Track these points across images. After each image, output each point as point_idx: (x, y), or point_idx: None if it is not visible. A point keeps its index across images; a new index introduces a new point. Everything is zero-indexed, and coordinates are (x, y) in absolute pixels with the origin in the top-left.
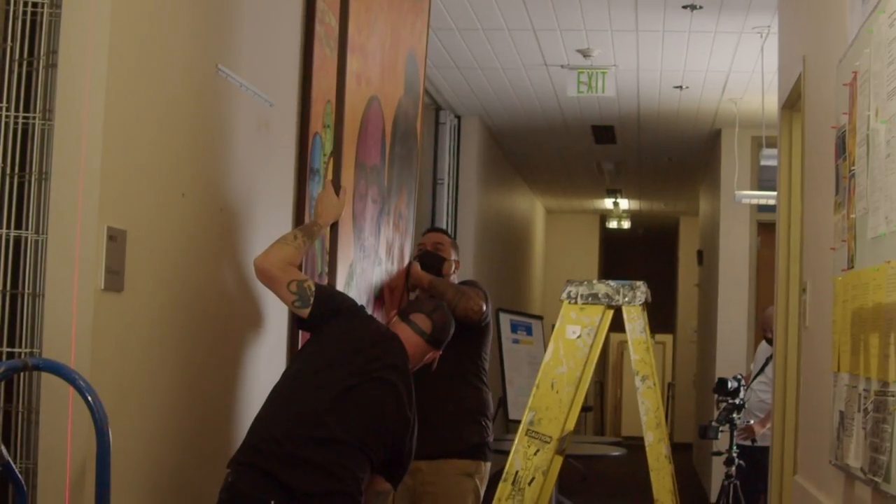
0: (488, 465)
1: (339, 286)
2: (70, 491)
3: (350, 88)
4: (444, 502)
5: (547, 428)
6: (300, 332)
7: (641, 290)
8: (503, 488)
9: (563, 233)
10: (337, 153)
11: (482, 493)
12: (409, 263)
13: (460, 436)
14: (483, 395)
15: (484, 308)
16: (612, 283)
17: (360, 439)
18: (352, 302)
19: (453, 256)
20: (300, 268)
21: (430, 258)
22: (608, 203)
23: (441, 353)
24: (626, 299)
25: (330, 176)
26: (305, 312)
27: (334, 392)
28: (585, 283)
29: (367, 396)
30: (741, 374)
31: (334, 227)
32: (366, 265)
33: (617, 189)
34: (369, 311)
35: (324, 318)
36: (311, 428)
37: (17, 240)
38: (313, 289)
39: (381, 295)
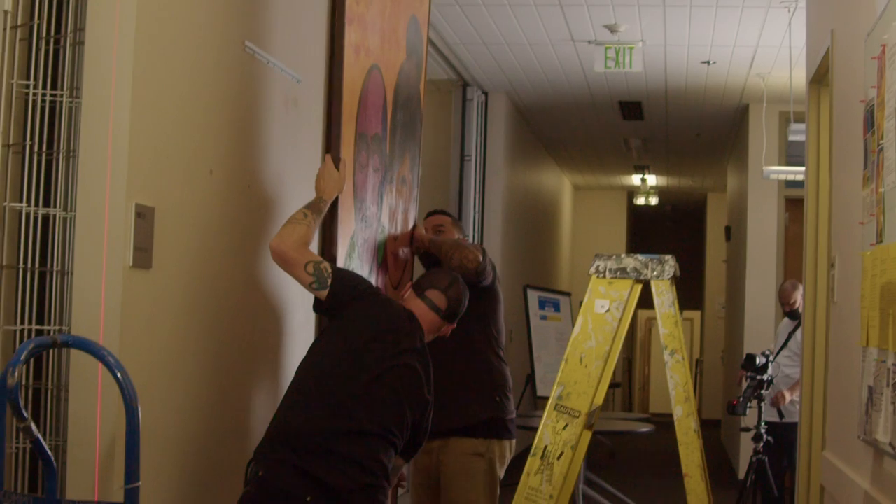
0: (506, 442)
1: (340, 259)
2: (100, 467)
3: (348, 61)
4: (454, 482)
5: (576, 402)
6: None
7: (670, 265)
8: (532, 463)
9: (590, 209)
10: (336, 126)
11: (501, 470)
12: (413, 227)
13: (470, 413)
14: (496, 369)
15: (481, 259)
16: (640, 257)
17: (387, 429)
18: (367, 283)
19: (456, 235)
20: None
21: (424, 257)
22: (636, 179)
23: (454, 325)
24: (655, 273)
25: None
26: (323, 294)
27: (361, 384)
28: (614, 257)
29: (392, 386)
30: (769, 350)
31: (335, 201)
32: (368, 234)
33: (644, 165)
34: (373, 279)
35: (342, 301)
36: (341, 421)
37: (46, 217)
38: (330, 270)
39: (384, 262)
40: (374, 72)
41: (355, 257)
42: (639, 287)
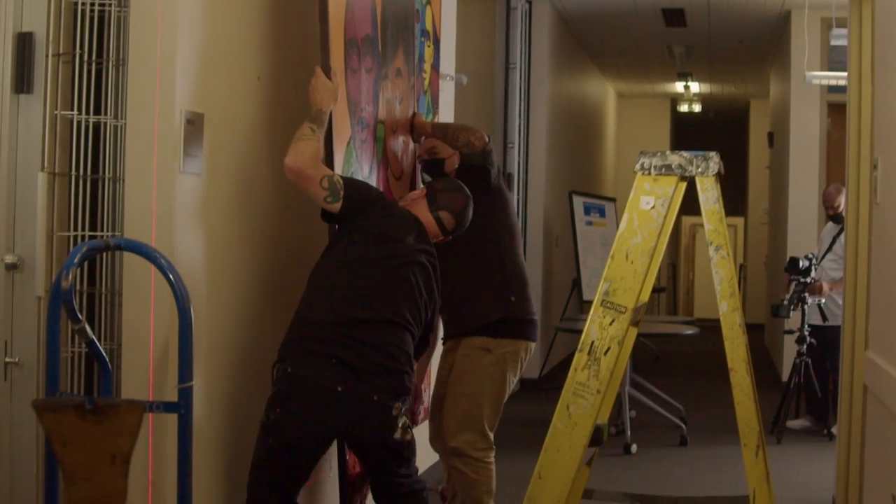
0: (521, 342)
1: (338, 166)
2: (154, 369)
3: None
4: (459, 376)
5: (622, 298)
6: None
7: (714, 161)
8: (579, 358)
9: (634, 117)
10: (324, 36)
11: (513, 370)
12: (413, 115)
13: (481, 314)
14: (507, 269)
15: (487, 140)
16: (685, 154)
17: (405, 319)
18: (376, 190)
19: (452, 150)
20: None
21: (429, 165)
22: (679, 87)
23: (449, 238)
24: (700, 170)
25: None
26: (337, 206)
27: (379, 278)
28: (659, 154)
29: (409, 280)
30: (812, 254)
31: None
32: (365, 136)
33: (687, 73)
34: (374, 177)
35: (353, 209)
36: (363, 311)
37: (97, 125)
38: (342, 182)
39: (384, 156)
40: None
41: (353, 161)
42: (683, 184)
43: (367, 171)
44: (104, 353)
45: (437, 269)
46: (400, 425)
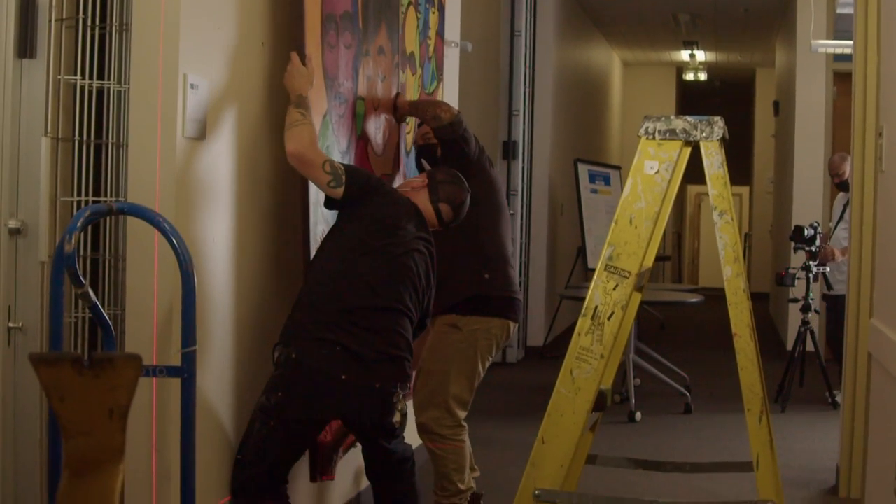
0: (495, 320)
1: None
2: (157, 333)
3: None
4: (430, 353)
5: (626, 263)
6: None
7: (719, 126)
8: (583, 323)
9: (640, 85)
10: (298, 12)
11: (488, 349)
12: (396, 95)
13: (455, 292)
14: (485, 248)
15: (456, 112)
16: (689, 118)
17: (405, 304)
18: (376, 178)
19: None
20: None
21: (424, 151)
22: (685, 55)
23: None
24: (704, 134)
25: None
26: (340, 192)
27: (381, 264)
28: (663, 118)
29: (409, 267)
30: (817, 223)
31: None
32: (343, 110)
33: (693, 41)
34: (352, 152)
35: (356, 196)
36: (366, 298)
37: (100, 90)
38: (342, 168)
39: (364, 132)
40: None
41: (329, 135)
42: (688, 149)
43: (344, 146)
44: (107, 318)
45: (434, 257)
46: (398, 410)
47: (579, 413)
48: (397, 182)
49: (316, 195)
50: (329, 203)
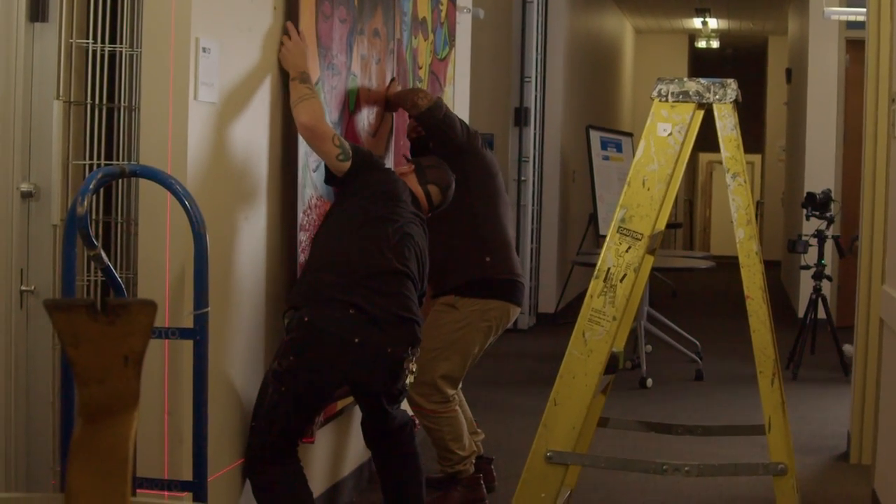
0: (493, 301)
1: None
2: (170, 296)
3: None
4: (425, 331)
5: (638, 225)
6: None
7: (732, 88)
8: (595, 285)
9: (652, 53)
10: None
11: (480, 332)
12: (391, 80)
13: (451, 274)
14: (483, 231)
15: (435, 99)
16: (702, 80)
17: (411, 269)
18: (376, 156)
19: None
20: None
21: (417, 144)
22: (697, 22)
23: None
24: (717, 97)
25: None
26: (347, 165)
27: (386, 230)
28: (676, 80)
29: (410, 234)
30: (829, 189)
31: None
32: (336, 82)
33: (706, 8)
34: (343, 125)
35: (359, 170)
36: (375, 259)
37: (112, 54)
38: (347, 143)
39: (356, 108)
40: None
41: (323, 103)
42: (700, 113)
43: (336, 117)
44: (120, 280)
45: (427, 235)
46: (407, 374)
47: (591, 375)
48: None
49: (305, 159)
50: (329, 178)
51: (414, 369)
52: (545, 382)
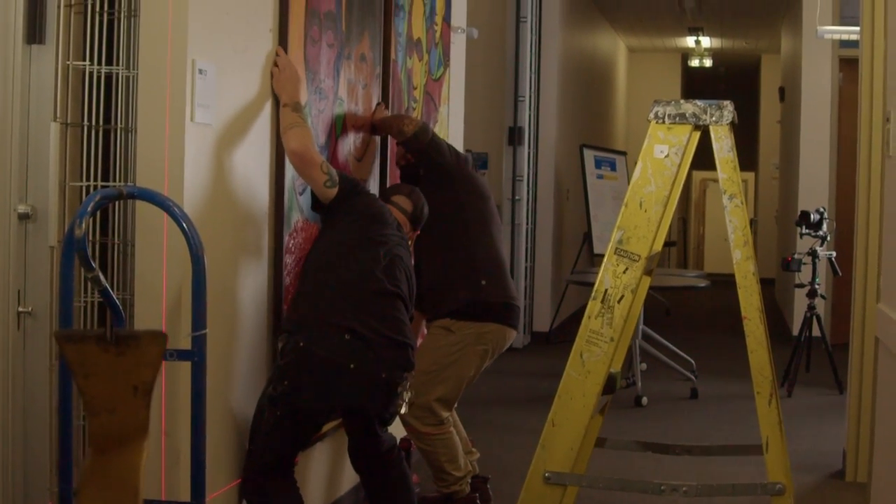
0: (489, 325)
1: None
2: (167, 317)
3: None
4: (420, 353)
5: (636, 246)
6: None
7: (728, 110)
8: (593, 306)
9: (645, 71)
10: (284, 3)
11: (475, 356)
12: (378, 105)
13: (446, 298)
14: (476, 254)
15: (422, 124)
16: (699, 102)
17: (402, 291)
18: (361, 182)
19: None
20: None
21: (406, 171)
22: (690, 41)
23: (418, 232)
24: (714, 118)
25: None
26: (334, 192)
27: (377, 252)
28: (673, 102)
29: (399, 256)
30: (823, 208)
31: None
32: (323, 106)
33: (699, 27)
34: (328, 149)
35: (345, 196)
36: (369, 282)
37: (109, 76)
38: (334, 170)
39: (343, 133)
40: None
41: (309, 126)
42: (697, 134)
43: (323, 141)
44: (118, 302)
45: (412, 258)
46: (404, 399)
47: (589, 396)
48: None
49: (291, 182)
50: (315, 205)
51: (410, 396)
52: (540, 401)
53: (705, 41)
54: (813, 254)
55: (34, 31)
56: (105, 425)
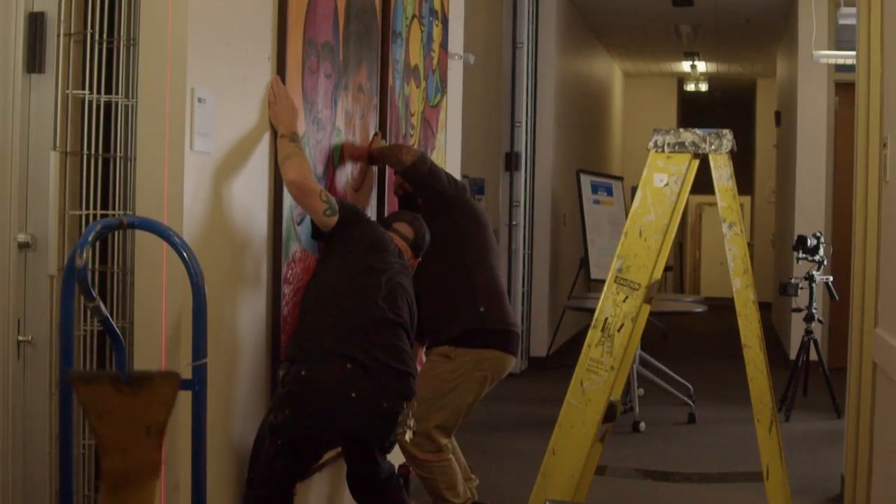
0: (489, 351)
1: None
2: (166, 346)
3: None
4: (419, 381)
5: (635, 275)
6: None
7: (727, 139)
8: (593, 334)
9: (641, 96)
10: (282, 33)
11: (474, 382)
12: (375, 135)
13: (445, 326)
14: (475, 281)
15: (420, 154)
16: (698, 131)
17: (403, 319)
18: (361, 210)
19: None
20: None
21: (405, 200)
22: (686, 66)
23: (419, 260)
24: (713, 147)
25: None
26: (334, 220)
27: (378, 279)
28: (672, 131)
29: (401, 283)
30: (820, 232)
31: None
32: (321, 136)
33: (694, 52)
34: (326, 179)
35: (345, 224)
36: (370, 310)
37: (108, 105)
38: (334, 198)
39: (340, 163)
40: None
41: (307, 157)
42: (696, 162)
43: (321, 172)
44: (118, 331)
45: (412, 285)
46: (407, 427)
47: (590, 424)
48: None
49: (290, 212)
50: (315, 234)
51: (412, 424)
52: (538, 426)
53: (701, 66)
54: (810, 278)
55: (34, 60)
56: (117, 465)
